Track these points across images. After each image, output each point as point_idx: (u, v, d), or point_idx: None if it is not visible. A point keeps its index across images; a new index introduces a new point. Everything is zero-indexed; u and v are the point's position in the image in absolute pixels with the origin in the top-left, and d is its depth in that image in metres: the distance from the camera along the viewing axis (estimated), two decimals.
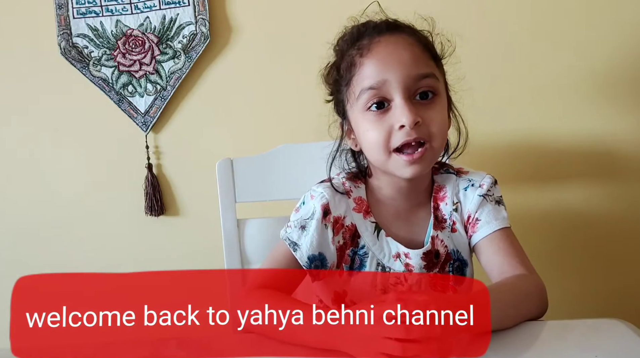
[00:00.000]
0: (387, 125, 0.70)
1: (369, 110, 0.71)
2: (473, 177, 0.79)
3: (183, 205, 1.27)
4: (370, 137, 0.71)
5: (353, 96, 0.73)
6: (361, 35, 0.74)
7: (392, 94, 0.70)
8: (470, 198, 0.77)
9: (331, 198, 0.75)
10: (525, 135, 1.20)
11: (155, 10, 1.20)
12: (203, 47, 1.20)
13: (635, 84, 1.17)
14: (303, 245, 0.74)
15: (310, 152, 0.99)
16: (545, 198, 1.22)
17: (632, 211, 1.21)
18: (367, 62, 0.71)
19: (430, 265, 0.76)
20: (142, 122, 1.24)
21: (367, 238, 0.76)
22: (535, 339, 0.62)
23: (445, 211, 0.78)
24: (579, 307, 1.24)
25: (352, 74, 0.73)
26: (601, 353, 0.57)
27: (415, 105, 0.70)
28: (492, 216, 0.76)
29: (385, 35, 0.72)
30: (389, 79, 0.69)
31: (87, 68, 1.22)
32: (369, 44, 0.72)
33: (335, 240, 0.75)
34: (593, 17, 1.15)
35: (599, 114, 1.18)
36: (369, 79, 0.70)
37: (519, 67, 1.18)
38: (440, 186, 0.79)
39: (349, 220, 0.76)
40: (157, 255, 1.30)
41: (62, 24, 1.20)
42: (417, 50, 0.72)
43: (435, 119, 0.70)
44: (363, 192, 0.78)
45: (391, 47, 0.71)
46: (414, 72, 0.70)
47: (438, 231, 0.77)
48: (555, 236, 1.23)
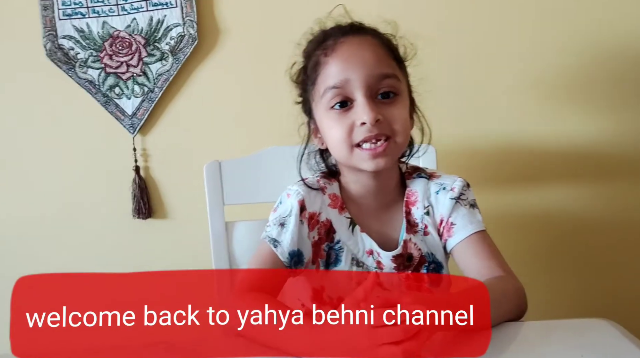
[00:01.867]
0: (349, 121, 0.72)
1: (333, 109, 0.73)
2: (444, 181, 0.80)
3: (171, 208, 1.27)
4: (333, 134, 0.73)
5: (318, 95, 0.75)
6: (327, 36, 0.76)
7: (355, 93, 0.72)
8: (442, 202, 0.78)
9: (306, 194, 0.77)
10: (507, 137, 1.21)
11: (142, 11, 1.19)
12: (191, 48, 1.19)
13: (613, 85, 1.18)
14: (284, 241, 0.75)
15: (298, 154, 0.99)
16: (527, 199, 1.23)
17: (613, 211, 1.23)
18: (331, 61, 0.73)
19: (401, 267, 0.77)
20: (130, 124, 1.23)
21: (342, 233, 0.78)
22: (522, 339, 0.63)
23: (417, 215, 0.79)
24: (565, 307, 1.25)
25: (317, 73, 0.75)
26: (587, 352, 0.58)
27: (376, 103, 0.72)
28: (467, 220, 0.77)
29: (349, 36, 0.74)
30: (352, 78, 0.71)
31: (73, 70, 1.21)
32: (333, 44, 0.74)
33: (310, 235, 0.76)
34: (571, 18, 1.17)
35: (578, 115, 1.19)
36: (332, 78, 0.72)
37: (500, 69, 1.19)
38: (412, 191, 0.80)
39: (325, 215, 0.78)
40: (145, 259, 1.29)
41: (47, 25, 1.19)
42: (380, 51, 0.74)
43: (397, 116, 0.72)
44: (337, 188, 0.80)
45: (354, 47, 0.73)
46: (376, 71, 0.72)
47: (411, 235, 0.78)
48: (537, 237, 1.24)
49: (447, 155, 1.03)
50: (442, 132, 0.89)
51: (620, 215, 1.23)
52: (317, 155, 0.83)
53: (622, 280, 1.26)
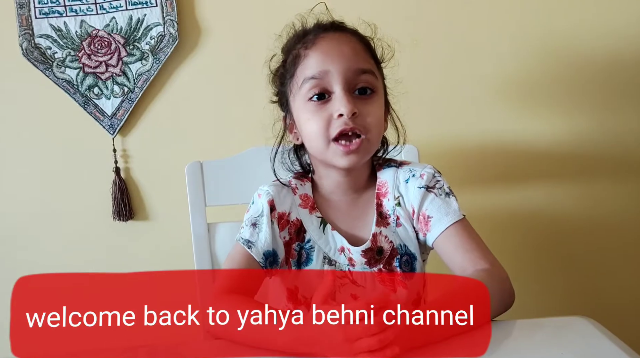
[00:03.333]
0: (326, 114, 0.73)
1: (310, 100, 0.74)
2: (414, 168, 0.80)
3: (152, 210, 1.25)
4: (310, 126, 0.74)
5: (296, 86, 0.75)
6: (307, 32, 0.78)
7: (333, 85, 0.73)
8: (412, 191, 0.78)
9: (276, 195, 0.78)
10: (489, 137, 1.22)
11: (121, 10, 1.17)
12: (171, 48, 1.18)
13: (595, 85, 1.20)
14: (258, 242, 0.76)
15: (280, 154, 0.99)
16: (510, 199, 1.24)
17: (596, 210, 1.25)
18: (311, 53, 0.75)
19: (372, 261, 0.77)
20: (109, 125, 1.21)
21: (313, 233, 0.78)
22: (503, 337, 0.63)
23: (388, 207, 0.79)
24: (546, 305, 1.27)
25: (296, 66, 0.76)
26: (568, 350, 0.58)
27: (354, 98, 0.73)
28: (442, 211, 0.76)
29: (329, 32, 0.76)
30: (331, 70, 0.72)
31: (50, 69, 1.18)
32: (314, 38, 0.76)
33: (281, 235, 0.77)
34: (551, 18, 1.18)
35: (561, 115, 1.21)
36: (312, 69, 0.74)
37: (481, 69, 1.19)
38: (382, 181, 0.80)
39: (294, 215, 0.78)
40: (126, 261, 1.27)
41: (23, 24, 1.17)
42: (358, 48, 0.75)
43: (372, 112, 0.74)
44: (309, 189, 0.81)
45: (335, 41, 0.75)
46: (354, 65, 0.73)
47: (381, 228, 0.78)
48: (520, 237, 1.25)
49: (429, 156, 1.03)
50: (424, 132, 0.89)
51: (603, 215, 1.25)
52: (291, 153, 0.84)
53: (603, 279, 1.28)
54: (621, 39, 1.18)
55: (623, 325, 0.81)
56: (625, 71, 1.19)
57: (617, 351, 0.57)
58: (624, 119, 1.21)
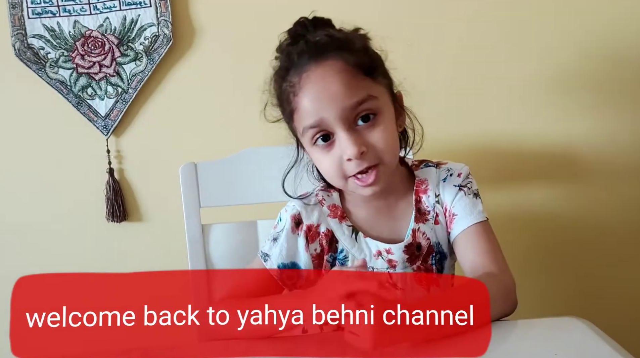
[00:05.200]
0: (336, 155, 0.71)
1: (316, 144, 0.72)
2: (452, 166, 0.80)
3: (146, 211, 1.25)
4: (324, 167, 0.73)
5: (299, 131, 0.74)
6: (289, 67, 0.73)
7: (334, 128, 0.70)
8: (448, 190, 0.78)
9: (302, 208, 0.78)
10: (489, 137, 1.22)
11: (115, 10, 1.17)
12: (166, 49, 1.18)
13: (593, 86, 1.20)
14: (273, 255, 0.76)
15: (275, 155, 0.99)
16: (505, 199, 1.24)
17: (592, 211, 1.25)
18: (301, 101, 0.71)
19: (412, 258, 0.77)
20: (103, 126, 1.21)
21: (345, 242, 0.77)
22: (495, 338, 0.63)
23: (429, 203, 0.79)
24: (539, 306, 1.27)
25: (292, 111, 0.73)
26: (560, 351, 0.59)
27: (358, 131, 0.70)
28: (467, 210, 0.76)
29: (312, 67, 0.70)
30: (325, 116, 0.70)
31: (43, 70, 1.18)
32: (298, 80, 0.71)
33: (310, 248, 0.76)
34: (551, 21, 1.19)
35: (559, 116, 1.21)
36: (307, 118, 0.71)
37: (478, 70, 1.20)
38: (422, 180, 0.80)
39: (324, 226, 0.77)
40: (120, 263, 1.26)
41: (16, 24, 1.16)
42: (347, 77, 0.70)
43: (381, 139, 0.71)
44: (337, 199, 0.80)
45: (320, 82, 0.70)
46: (349, 102, 0.69)
47: (420, 224, 0.78)
48: (516, 236, 1.25)
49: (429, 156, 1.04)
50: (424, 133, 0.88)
51: (598, 216, 1.25)
52: (314, 168, 0.81)
53: (597, 280, 1.28)
54: (617, 39, 1.18)
55: (616, 325, 0.81)
56: (621, 71, 1.19)
57: (610, 352, 0.58)
58: (620, 120, 1.21)
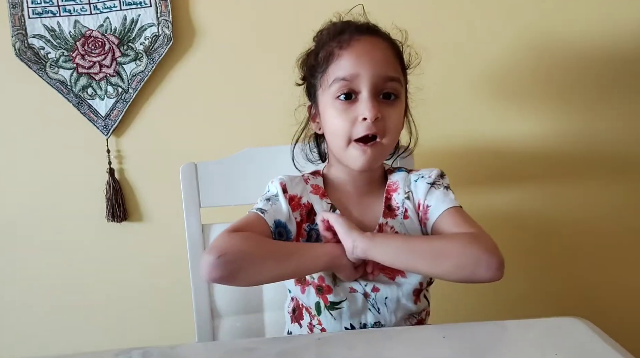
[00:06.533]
0: (352, 115, 0.77)
1: (338, 99, 0.78)
2: (423, 171, 0.86)
3: (146, 211, 1.25)
4: (335, 124, 0.78)
5: (326, 83, 0.79)
6: (343, 31, 0.80)
7: (361, 88, 0.76)
8: (420, 187, 0.83)
9: (288, 181, 0.83)
10: (483, 138, 1.22)
11: (115, 10, 1.17)
12: (166, 49, 1.18)
13: (585, 84, 1.20)
14: (269, 210, 0.80)
15: (275, 155, 0.99)
16: (501, 199, 1.24)
17: (588, 210, 1.25)
18: (345, 54, 0.78)
19: None
20: (103, 126, 1.21)
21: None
22: (496, 338, 0.63)
23: (398, 200, 0.84)
24: (538, 306, 1.27)
25: (329, 63, 0.79)
26: (561, 351, 0.59)
27: (378, 102, 0.77)
28: (440, 199, 0.81)
29: (364, 35, 0.79)
30: (361, 74, 0.76)
31: (43, 70, 1.18)
32: (349, 39, 0.78)
33: (293, 215, 0.81)
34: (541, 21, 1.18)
35: (552, 116, 1.21)
36: (344, 70, 0.77)
37: (474, 71, 1.20)
38: (393, 181, 0.86)
39: (305, 199, 0.83)
40: (120, 263, 1.27)
41: (16, 24, 1.16)
42: (389, 54, 0.79)
43: (393, 117, 0.78)
44: (320, 181, 0.85)
45: (368, 45, 0.78)
46: (384, 72, 0.77)
47: (388, 218, 0.82)
48: (513, 236, 1.26)
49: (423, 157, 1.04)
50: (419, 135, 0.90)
51: (595, 215, 1.25)
52: (312, 140, 0.89)
53: (596, 279, 1.28)
54: (610, 40, 1.18)
55: (616, 325, 0.81)
56: (616, 71, 1.20)
57: (611, 351, 0.58)
58: (614, 119, 1.21)
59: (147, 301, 1.28)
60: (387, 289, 0.79)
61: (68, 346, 1.28)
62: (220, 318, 0.99)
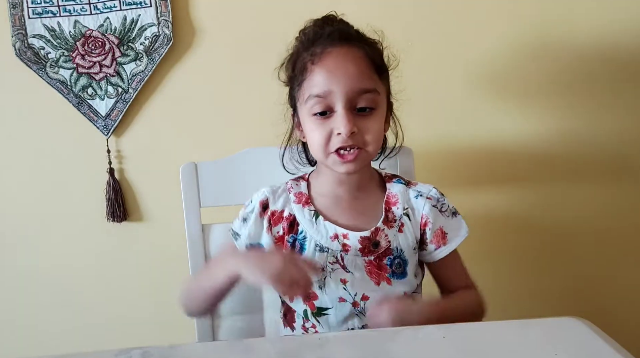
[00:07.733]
0: (328, 129, 0.78)
1: (314, 115, 0.79)
2: (420, 188, 0.87)
3: (146, 211, 1.25)
4: (313, 138, 0.80)
5: (302, 98, 0.80)
6: (315, 40, 0.80)
7: (336, 104, 0.77)
8: (422, 204, 0.85)
9: (270, 195, 0.86)
10: (483, 138, 1.22)
11: (115, 10, 1.17)
12: (166, 49, 1.18)
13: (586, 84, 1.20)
14: (242, 236, 0.85)
15: (275, 155, 0.99)
16: (502, 199, 1.24)
17: (588, 210, 1.25)
18: (317, 70, 0.78)
19: (365, 250, 0.82)
20: (103, 126, 1.21)
21: (306, 224, 0.83)
22: (496, 338, 0.63)
23: (397, 213, 0.85)
24: (539, 306, 1.27)
25: (303, 78, 0.80)
26: (561, 351, 0.59)
27: (354, 115, 0.78)
28: (456, 232, 0.85)
29: (336, 47, 0.78)
30: (334, 90, 0.77)
31: (43, 70, 1.18)
32: (321, 52, 0.78)
33: (273, 231, 0.84)
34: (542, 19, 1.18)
35: (552, 116, 1.21)
36: (317, 87, 0.78)
37: (473, 70, 1.20)
38: (392, 193, 0.86)
39: (288, 211, 0.84)
40: (120, 263, 1.27)
41: (16, 24, 1.16)
42: (363, 65, 0.78)
43: (371, 129, 0.78)
44: (304, 188, 0.87)
45: (340, 59, 0.78)
46: (357, 86, 0.77)
47: (385, 226, 0.83)
48: (513, 236, 1.26)
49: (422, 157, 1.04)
50: (415, 133, 0.91)
51: (595, 216, 1.25)
52: (299, 146, 0.90)
53: (596, 279, 1.28)
54: (611, 39, 1.18)
55: (616, 325, 0.81)
56: (616, 71, 1.19)
57: (611, 351, 0.58)
58: (614, 119, 1.21)
59: (147, 301, 1.28)
60: (375, 295, 0.80)
61: (68, 346, 1.28)
62: (220, 318, 0.99)
